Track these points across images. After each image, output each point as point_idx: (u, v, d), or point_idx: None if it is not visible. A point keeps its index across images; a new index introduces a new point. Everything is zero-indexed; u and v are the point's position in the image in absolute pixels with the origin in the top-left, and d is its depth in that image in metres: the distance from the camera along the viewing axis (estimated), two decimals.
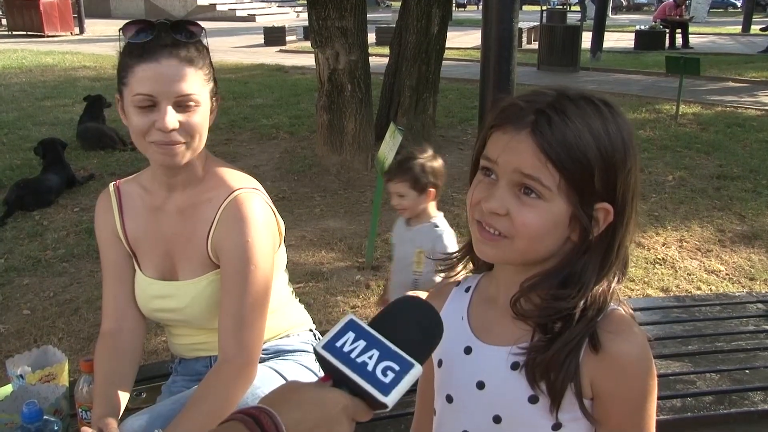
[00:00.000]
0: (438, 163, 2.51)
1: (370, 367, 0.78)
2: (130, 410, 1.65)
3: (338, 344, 0.79)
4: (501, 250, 0.96)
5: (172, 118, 1.41)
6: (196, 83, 1.44)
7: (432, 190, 2.47)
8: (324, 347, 0.80)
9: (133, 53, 1.41)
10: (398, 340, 0.81)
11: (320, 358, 0.80)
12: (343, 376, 0.79)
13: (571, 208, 0.93)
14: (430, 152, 2.53)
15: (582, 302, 0.94)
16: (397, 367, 0.78)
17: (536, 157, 0.91)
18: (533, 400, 0.97)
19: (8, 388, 1.86)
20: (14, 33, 21.83)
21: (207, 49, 1.51)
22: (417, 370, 0.79)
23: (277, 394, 0.81)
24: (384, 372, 0.78)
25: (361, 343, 0.79)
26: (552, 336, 0.96)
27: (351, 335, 0.80)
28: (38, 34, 21.13)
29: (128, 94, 1.42)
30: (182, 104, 1.42)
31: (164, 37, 1.41)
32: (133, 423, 1.52)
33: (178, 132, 1.43)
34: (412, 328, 0.84)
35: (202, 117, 1.47)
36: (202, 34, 1.49)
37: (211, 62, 1.52)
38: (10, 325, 3.63)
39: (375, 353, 0.79)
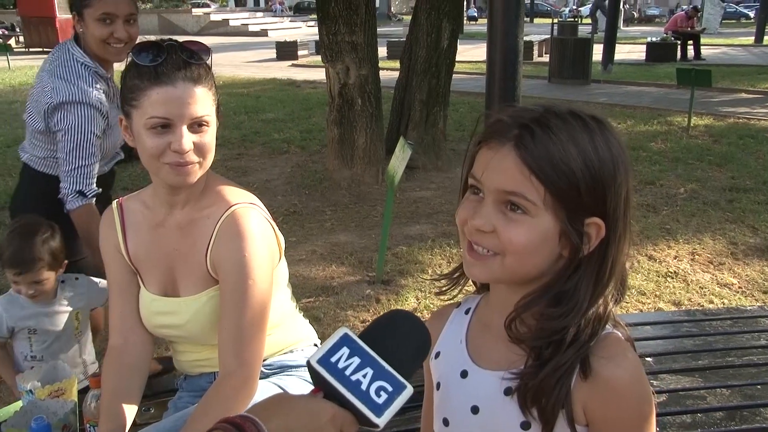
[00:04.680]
0: (57, 239, 2.19)
1: (364, 386, 0.78)
2: (137, 425, 1.66)
3: (333, 359, 0.79)
4: (490, 269, 0.95)
5: (188, 140, 1.43)
6: (207, 104, 1.46)
7: (66, 261, 2.23)
8: (319, 362, 0.80)
9: (144, 75, 1.42)
10: (390, 357, 0.81)
11: (313, 372, 0.80)
12: (336, 393, 0.79)
13: (559, 223, 0.92)
14: (46, 229, 2.18)
15: (575, 323, 0.93)
16: (390, 388, 0.79)
17: (520, 171, 0.90)
18: (525, 426, 0.96)
19: (18, 404, 1.88)
20: (31, 50, 22.16)
21: (210, 67, 1.52)
22: (408, 391, 0.80)
23: (264, 403, 0.82)
24: (377, 392, 0.78)
25: (356, 360, 0.79)
26: (543, 361, 0.94)
27: (345, 351, 0.80)
28: None
29: (140, 116, 1.43)
30: (196, 125, 1.44)
31: (176, 60, 1.43)
32: None
33: (193, 152, 1.45)
34: (403, 344, 0.84)
35: (212, 136, 1.49)
36: (210, 54, 1.50)
37: (214, 80, 1.53)
38: None
39: (369, 372, 0.79)
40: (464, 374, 1.05)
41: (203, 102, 1.45)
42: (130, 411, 1.56)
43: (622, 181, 0.94)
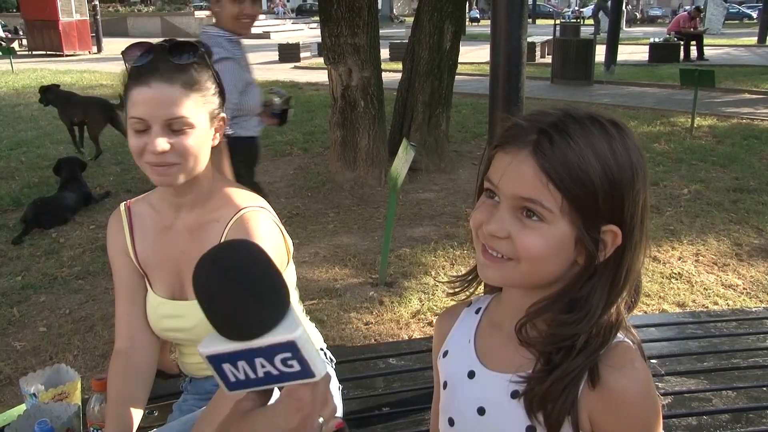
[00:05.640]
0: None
1: (275, 372, 0.73)
2: (141, 429, 1.65)
3: (233, 380, 0.74)
4: (504, 272, 0.94)
5: (162, 142, 1.41)
6: (189, 106, 1.43)
7: None
8: (231, 389, 0.75)
9: (131, 76, 1.43)
10: (253, 323, 0.71)
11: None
12: (269, 390, 0.76)
13: (575, 230, 0.90)
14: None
15: (587, 330, 0.92)
16: (288, 354, 0.72)
17: (537, 177, 0.89)
18: (530, 430, 0.96)
19: (22, 407, 1.88)
20: (34, 53, 22.24)
21: (211, 68, 1.49)
22: (299, 332, 0.71)
23: None
24: (286, 364, 0.72)
25: (242, 364, 0.73)
26: (552, 367, 0.93)
27: (227, 366, 0.73)
28: (57, 53, 21.52)
29: (126, 116, 1.45)
30: (174, 127, 1.42)
31: (159, 60, 1.42)
32: None
33: (170, 154, 1.42)
34: (244, 296, 0.72)
35: (196, 139, 1.45)
36: (199, 54, 1.46)
37: (216, 82, 1.51)
38: (26, 343, 3.66)
39: (260, 360, 0.72)
40: (471, 375, 1.05)
41: (183, 104, 1.41)
42: (137, 415, 1.55)
43: (640, 188, 0.92)
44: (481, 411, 1.02)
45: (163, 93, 1.40)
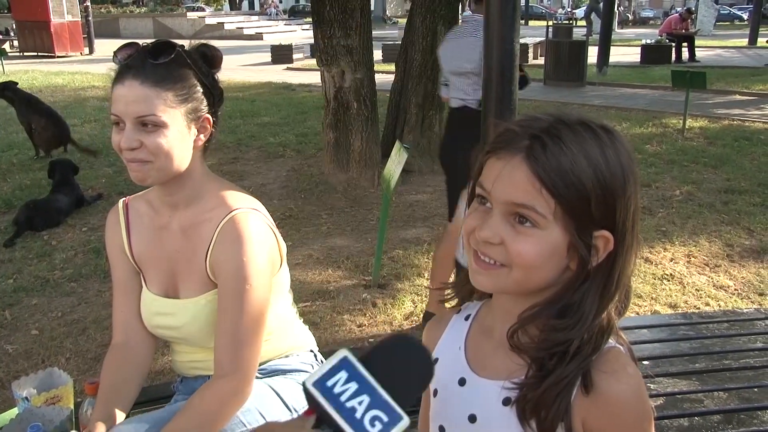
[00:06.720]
0: None
1: (358, 414, 0.75)
2: None
3: (329, 383, 0.76)
4: (497, 279, 0.94)
5: (127, 139, 1.43)
6: (159, 104, 1.43)
7: None
8: (314, 384, 0.77)
9: (115, 75, 1.47)
10: (389, 385, 0.78)
11: (308, 394, 0.78)
12: (328, 418, 0.76)
13: (568, 236, 0.90)
14: None
15: (580, 336, 0.92)
16: (385, 419, 0.75)
17: (530, 183, 0.89)
18: None
19: (14, 411, 1.87)
20: (25, 54, 22.15)
21: (191, 68, 1.49)
22: (404, 423, 0.76)
23: None
24: (372, 422, 0.75)
25: (353, 386, 0.76)
26: (545, 373, 0.93)
27: (343, 375, 0.77)
28: (49, 54, 21.44)
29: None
30: (144, 125, 1.44)
31: (136, 59, 1.45)
32: (123, 429, 1.53)
33: (142, 151, 1.44)
34: (405, 372, 0.81)
35: (169, 138, 1.46)
36: (177, 53, 1.46)
37: (198, 81, 1.50)
38: (18, 346, 3.64)
39: (365, 399, 0.76)
40: (462, 382, 1.04)
41: (151, 102, 1.43)
42: (126, 404, 1.57)
43: (631, 193, 0.93)
44: (472, 419, 1.02)
45: (134, 91, 1.43)
